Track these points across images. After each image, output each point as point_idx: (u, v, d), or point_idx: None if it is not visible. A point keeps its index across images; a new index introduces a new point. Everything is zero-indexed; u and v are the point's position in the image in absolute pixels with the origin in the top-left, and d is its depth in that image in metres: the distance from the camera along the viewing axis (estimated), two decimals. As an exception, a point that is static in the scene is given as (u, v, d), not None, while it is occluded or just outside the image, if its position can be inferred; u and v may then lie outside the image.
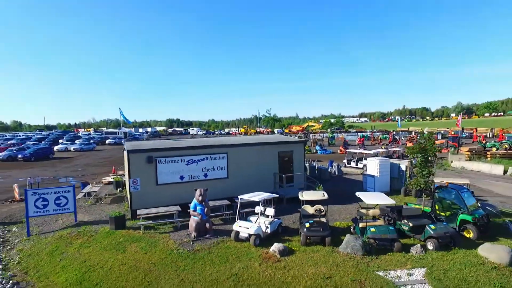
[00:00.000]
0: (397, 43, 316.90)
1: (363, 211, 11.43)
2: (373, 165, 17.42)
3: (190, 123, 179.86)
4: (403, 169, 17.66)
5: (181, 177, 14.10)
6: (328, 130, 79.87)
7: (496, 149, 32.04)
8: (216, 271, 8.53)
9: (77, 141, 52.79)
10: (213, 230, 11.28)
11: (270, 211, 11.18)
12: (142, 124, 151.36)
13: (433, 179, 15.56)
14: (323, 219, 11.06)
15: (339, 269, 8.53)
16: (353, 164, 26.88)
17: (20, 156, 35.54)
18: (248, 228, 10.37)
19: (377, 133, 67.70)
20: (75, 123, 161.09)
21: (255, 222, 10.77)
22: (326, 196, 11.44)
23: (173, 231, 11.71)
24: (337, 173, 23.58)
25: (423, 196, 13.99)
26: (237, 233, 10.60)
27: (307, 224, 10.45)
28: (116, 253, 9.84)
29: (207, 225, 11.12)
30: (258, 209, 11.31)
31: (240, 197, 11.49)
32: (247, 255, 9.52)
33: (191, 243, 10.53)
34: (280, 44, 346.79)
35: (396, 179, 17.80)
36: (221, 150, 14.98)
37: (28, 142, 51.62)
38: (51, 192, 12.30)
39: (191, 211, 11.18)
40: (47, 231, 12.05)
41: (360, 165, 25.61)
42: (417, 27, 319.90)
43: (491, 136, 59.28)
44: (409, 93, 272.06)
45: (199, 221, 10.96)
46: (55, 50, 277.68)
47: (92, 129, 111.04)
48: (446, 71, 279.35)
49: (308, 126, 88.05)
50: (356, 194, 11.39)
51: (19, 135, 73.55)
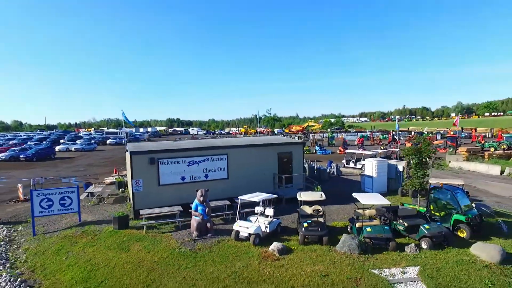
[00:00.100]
0: (397, 43, 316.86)
1: (359, 211, 11.70)
2: (371, 165, 17.66)
3: (190, 123, 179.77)
4: (400, 169, 17.91)
5: (183, 178, 14.38)
6: (328, 130, 79.80)
7: (494, 149, 32.22)
8: (217, 269, 8.81)
9: (78, 141, 53.11)
10: (214, 230, 11.57)
11: (270, 211, 11.44)
12: (142, 124, 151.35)
13: (428, 180, 15.83)
14: (321, 219, 11.34)
15: (335, 267, 8.81)
16: (352, 164, 27.10)
17: (22, 156, 35.76)
18: (248, 228, 10.64)
19: (376, 133, 67.87)
20: (75, 123, 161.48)
21: (254, 222, 11.03)
22: (324, 196, 11.70)
23: (175, 230, 11.99)
24: (336, 173, 23.76)
25: (419, 196, 14.27)
26: (237, 232, 10.86)
27: (305, 224, 10.73)
28: (120, 252, 10.12)
29: (208, 224, 11.40)
30: (257, 209, 11.54)
31: (240, 198, 11.75)
32: (247, 254, 9.80)
33: (193, 242, 10.81)
34: (280, 44, 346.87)
35: (394, 179, 18.05)
36: (221, 151, 15.24)
37: (29, 142, 51.88)
38: (55, 192, 12.61)
39: (193, 211, 11.44)
40: (52, 230, 12.33)
41: (358, 165, 25.75)
42: (417, 27, 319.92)
43: (490, 136, 59.38)
44: (409, 93, 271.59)
45: (200, 221, 11.23)
46: (55, 50, 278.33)
47: (93, 129, 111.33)
48: (446, 71, 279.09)
49: (308, 126, 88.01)
50: (353, 195, 11.66)
51: (20, 135, 73.84)
